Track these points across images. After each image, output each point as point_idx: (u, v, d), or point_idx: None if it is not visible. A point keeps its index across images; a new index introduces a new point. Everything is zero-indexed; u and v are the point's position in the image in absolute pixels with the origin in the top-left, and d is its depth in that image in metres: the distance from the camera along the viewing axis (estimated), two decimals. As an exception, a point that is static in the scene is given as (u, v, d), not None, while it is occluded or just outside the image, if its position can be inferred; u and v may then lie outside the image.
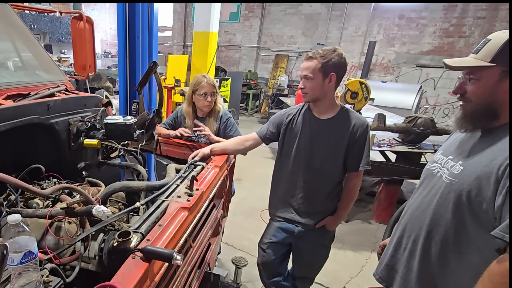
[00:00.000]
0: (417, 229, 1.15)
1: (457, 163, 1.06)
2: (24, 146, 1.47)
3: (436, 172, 1.15)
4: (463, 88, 1.06)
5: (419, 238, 1.13)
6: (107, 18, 12.77)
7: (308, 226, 1.78)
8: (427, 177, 1.22)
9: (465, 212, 0.99)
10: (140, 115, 1.74)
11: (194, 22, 6.28)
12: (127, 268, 0.80)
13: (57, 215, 1.12)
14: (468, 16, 7.48)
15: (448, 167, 1.09)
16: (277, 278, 1.98)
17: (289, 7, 9.68)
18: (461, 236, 1.01)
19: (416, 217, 1.17)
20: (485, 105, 1.01)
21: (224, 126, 2.24)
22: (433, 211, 1.09)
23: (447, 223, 1.04)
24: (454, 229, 1.03)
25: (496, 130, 1.01)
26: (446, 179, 1.07)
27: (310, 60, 1.57)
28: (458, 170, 1.04)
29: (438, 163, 1.17)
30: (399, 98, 6.90)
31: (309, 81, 1.58)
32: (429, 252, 1.10)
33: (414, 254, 1.16)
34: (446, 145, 1.24)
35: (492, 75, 0.98)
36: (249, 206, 3.82)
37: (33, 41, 2.02)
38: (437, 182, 1.12)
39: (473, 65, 1.02)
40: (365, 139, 1.64)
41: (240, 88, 8.46)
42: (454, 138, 1.21)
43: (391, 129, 3.50)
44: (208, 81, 2.14)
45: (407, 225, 1.21)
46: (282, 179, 1.83)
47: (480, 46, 1.02)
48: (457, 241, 1.03)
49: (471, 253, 1.00)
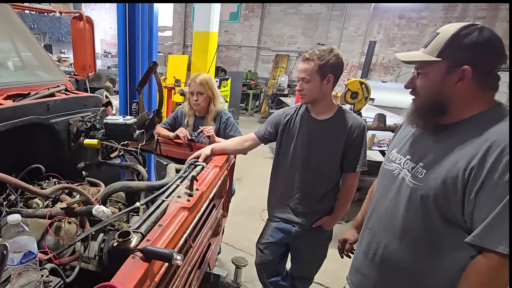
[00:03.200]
0: (388, 234, 1.12)
1: (418, 165, 1.04)
2: (24, 146, 1.47)
3: (397, 173, 1.12)
4: (413, 83, 1.05)
5: (391, 243, 1.11)
6: (107, 18, 12.77)
7: (305, 226, 1.78)
8: (386, 177, 1.19)
9: (435, 216, 0.98)
10: (140, 115, 1.74)
11: (194, 22, 6.28)
12: (127, 268, 0.80)
13: (57, 215, 1.12)
14: (468, 16, 7.48)
15: (409, 169, 1.07)
16: (276, 278, 1.98)
17: (289, 7, 9.68)
18: (434, 239, 1.00)
19: (386, 222, 1.14)
20: (433, 100, 0.99)
21: (224, 126, 2.24)
22: (402, 217, 1.07)
23: (418, 228, 1.03)
24: (426, 233, 1.01)
25: (449, 129, 0.99)
26: (411, 183, 1.04)
27: (307, 62, 1.55)
28: (422, 173, 1.02)
29: (396, 163, 1.14)
30: (399, 98, 6.87)
31: (307, 83, 1.57)
32: (403, 258, 1.08)
33: (387, 260, 1.13)
34: (399, 141, 1.20)
35: (439, 70, 0.96)
36: (249, 206, 3.82)
37: (33, 41, 2.02)
38: (401, 185, 1.09)
39: (419, 60, 1.00)
40: (362, 140, 1.64)
41: (240, 88, 8.45)
42: (406, 134, 1.18)
43: (391, 129, 3.50)
44: (197, 79, 2.15)
45: (376, 230, 1.18)
46: (280, 179, 1.83)
47: (429, 40, 1.00)
48: (430, 245, 1.01)
49: (444, 256, 0.99)
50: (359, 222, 1.47)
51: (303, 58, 1.58)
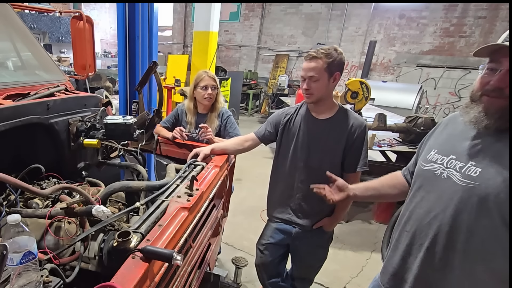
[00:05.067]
0: (431, 236, 1.06)
1: (468, 164, 0.98)
2: (24, 146, 1.47)
3: (439, 173, 1.06)
4: (505, 80, 0.93)
5: (435, 246, 1.05)
6: (107, 17, 12.77)
7: (305, 227, 1.77)
8: (426, 179, 1.13)
9: (495, 218, 0.91)
10: (140, 115, 1.74)
11: (194, 21, 6.28)
12: (127, 268, 0.80)
13: (57, 215, 1.12)
14: (469, 15, 7.48)
15: (456, 168, 1.01)
16: (276, 279, 1.97)
17: (289, 7, 9.68)
18: (487, 242, 0.94)
19: (428, 224, 1.08)
20: None
21: (225, 124, 2.24)
22: (452, 218, 1.00)
23: (471, 230, 0.96)
24: (480, 235, 0.95)
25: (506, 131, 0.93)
26: (462, 182, 0.98)
27: (314, 60, 1.52)
28: (476, 172, 0.95)
29: (438, 164, 1.09)
30: (400, 98, 6.89)
31: (315, 82, 1.54)
32: (449, 261, 1.02)
33: (429, 263, 1.08)
34: (438, 143, 1.15)
35: None
36: (249, 206, 3.82)
37: (33, 40, 2.02)
38: (447, 185, 1.03)
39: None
40: (363, 140, 1.62)
41: (240, 88, 8.45)
42: (447, 136, 1.13)
43: (391, 129, 3.49)
44: (209, 74, 2.19)
45: (416, 232, 1.12)
46: (280, 180, 1.82)
47: None
48: (482, 248, 0.95)
49: (497, 260, 0.93)
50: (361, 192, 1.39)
51: (308, 56, 1.55)
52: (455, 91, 7.66)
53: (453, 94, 7.75)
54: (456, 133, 1.10)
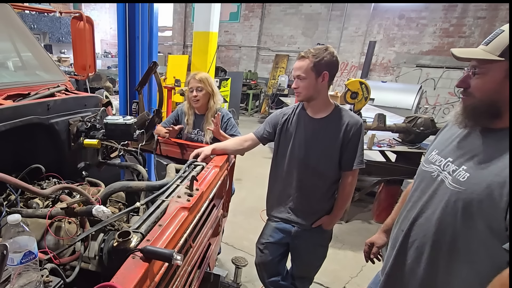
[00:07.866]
0: (421, 236, 1.09)
1: (460, 168, 0.99)
2: (24, 146, 1.47)
3: (436, 175, 1.08)
4: (466, 82, 0.98)
5: (424, 246, 1.08)
6: (107, 18, 12.77)
7: (305, 226, 1.78)
8: (424, 179, 1.15)
9: (477, 221, 0.93)
10: (140, 115, 1.74)
11: (194, 22, 6.27)
12: (127, 268, 0.80)
13: (57, 215, 1.12)
14: (468, 16, 7.48)
15: (450, 171, 1.02)
16: (276, 278, 1.98)
17: (289, 7, 9.68)
18: (471, 245, 0.95)
19: (420, 225, 1.11)
20: (487, 102, 0.93)
21: (225, 126, 2.24)
22: (439, 220, 1.03)
23: (456, 232, 0.98)
24: (464, 238, 0.96)
25: (500, 132, 0.94)
26: (451, 186, 1.00)
27: (302, 60, 1.58)
28: (464, 177, 0.97)
29: (436, 165, 1.10)
30: (399, 98, 6.90)
31: (302, 81, 1.59)
32: (436, 261, 1.05)
33: (418, 262, 1.10)
34: (440, 143, 1.16)
35: (499, 71, 0.89)
36: (249, 206, 3.82)
37: (33, 41, 2.02)
38: (439, 188, 1.05)
39: (480, 58, 0.93)
40: (359, 137, 1.64)
41: (240, 88, 8.45)
42: (448, 136, 1.13)
43: (391, 129, 3.50)
44: (196, 76, 2.21)
45: (410, 232, 1.15)
46: (278, 179, 1.84)
47: (491, 37, 0.92)
48: (467, 250, 0.97)
49: (481, 262, 0.94)
50: (388, 226, 1.42)
51: (298, 56, 1.61)
52: (455, 92, 7.66)
53: (452, 94, 7.75)
54: (456, 134, 1.10)
